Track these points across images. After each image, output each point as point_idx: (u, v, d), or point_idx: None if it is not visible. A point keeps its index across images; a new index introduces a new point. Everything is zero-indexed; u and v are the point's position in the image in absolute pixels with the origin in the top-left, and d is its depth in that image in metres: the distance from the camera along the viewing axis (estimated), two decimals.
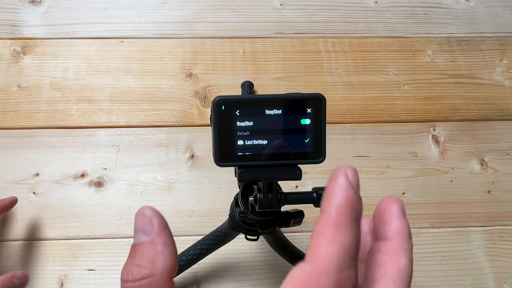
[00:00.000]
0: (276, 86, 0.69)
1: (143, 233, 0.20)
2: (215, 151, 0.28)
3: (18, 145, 0.62)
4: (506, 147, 0.66)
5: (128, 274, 0.19)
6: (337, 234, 0.17)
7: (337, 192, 0.18)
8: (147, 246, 0.19)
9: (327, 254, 0.16)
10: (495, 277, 0.58)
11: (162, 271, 0.19)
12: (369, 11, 0.77)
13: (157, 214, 0.20)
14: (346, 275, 0.16)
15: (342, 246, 0.16)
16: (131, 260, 0.19)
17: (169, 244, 0.19)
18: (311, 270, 0.16)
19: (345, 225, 0.17)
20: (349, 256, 0.16)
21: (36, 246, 0.56)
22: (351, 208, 0.17)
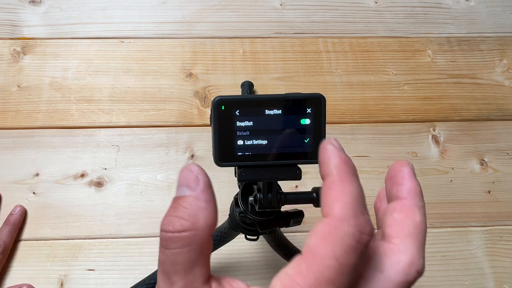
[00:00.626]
0: (276, 86, 0.69)
1: (188, 188, 0.20)
2: (215, 151, 0.28)
3: (18, 145, 0.62)
4: (506, 147, 0.66)
5: (169, 224, 0.19)
6: (344, 186, 0.19)
7: (331, 156, 0.20)
8: (190, 201, 0.20)
9: (341, 204, 0.18)
10: (495, 277, 0.58)
11: (204, 226, 0.19)
12: (369, 11, 0.77)
13: (203, 172, 0.20)
14: (362, 219, 0.18)
15: (352, 195, 0.18)
16: (173, 211, 0.20)
17: (212, 202, 0.20)
18: (331, 221, 0.18)
19: (348, 178, 0.19)
20: (360, 202, 0.18)
21: (36, 246, 0.56)
22: (347, 164, 0.19)
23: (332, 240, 0.17)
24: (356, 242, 0.17)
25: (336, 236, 0.17)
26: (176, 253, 0.19)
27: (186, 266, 0.19)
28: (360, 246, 0.17)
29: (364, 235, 0.18)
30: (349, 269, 0.17)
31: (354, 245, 0.17)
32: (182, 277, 0.19)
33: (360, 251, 0.17)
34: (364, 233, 0.18)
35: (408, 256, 0.19)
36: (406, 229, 0.20)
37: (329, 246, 0.17)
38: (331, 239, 0.17)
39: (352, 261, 0.17)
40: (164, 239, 0.19)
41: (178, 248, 0.19)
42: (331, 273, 0.17)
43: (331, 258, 0.17)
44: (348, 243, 0.17)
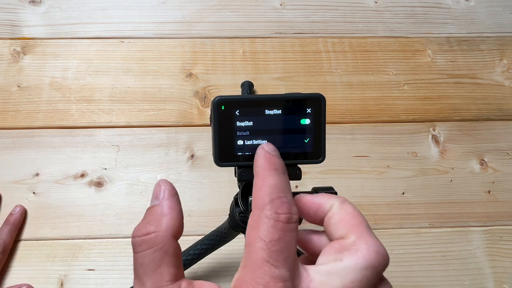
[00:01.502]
0: (276, 86, 0.69)
1: (156, 199, 0.23)
2: (215, 151, 0.28)
3: (18, 145, 0.62)
4: (506, 147, 0.66)
5: (137, 231, 0.22)
6: (263, 181, 0.22)
7: (257, 158, 0.24)
8: (156, 209, 0.23)
9: (259, 195, 0.21)
10: (495, 277, 0.58)
11: (165, 228, 0.22)
12: (369, 11, 0.77)
13: (169, 184, 0.24)
14: (277, 201, 0.21)
15: (268, 186, 0.22)
16: (142, 220, 0.23)
17: (175, 208, 0.23)
18: (254, 211, 0.21)
19: (268, 173, 0.22)
20: (276, 189, 0.21)
21: (36, 246, 0.56)
22: (269, 162, 0.23)
23: (256, 227, 0.20)
24: (275, 221, 0.20)
25: (259, 222, 0.20)
26: (143, 255, 0.21)
27: (153, 266, 0.21)
28: (279, 224, 0.20)
29: (280, 214, 0.20)
30: (277, 245, 0.20)
31: (274, 224, 0.20)
32: (151, 277, 0.21)
33: (280, 227, 0.20)
34: (280, 212, 0.20)
35: (363, 244, 0.21)
36: (349, 224, 0.22)
37: (256, 232, 0.20)
38: (255, 226, 0.21)
39: (276, 237, 0.20)
40: (133, 244, 0.22)
41: (144, 250, 0.21)
42: (263, 253, 0.20)
43: (258, 241, 0.20)
44: (268, 224, 0.20)
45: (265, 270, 0.20)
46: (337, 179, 0.63)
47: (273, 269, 0.19)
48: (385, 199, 0.62)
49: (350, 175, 0.63)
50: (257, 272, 0.20)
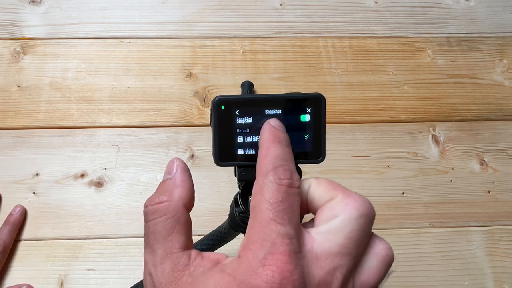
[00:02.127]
0: (276, 86, 0.69)
1: (168, 173, 0.24)
2: (215, 151, 0.28)
3: (18, 145, 0.62)
4: (506, 147, 0.66)
5: (149, 201, 0.23)
6: (267, 151, 0.23)
7: (263, 132, 0.25)
8: (168, 182, 0.24)
9: (263, 163, 0.23)
10: (495, 277, 0.58)
11: (178, 198, 0.23)
12: (369, 11, 0.77)
13: (181, 161, 0.25)
14: (280, 168, 0.22)
15: (272, 155, 0.23)
16: (155, 192, 0.24)
17: (187, 181, 0.24)
18: (258, 178, 0.23)
19: (271, 144, 0.24)
20: (280, 159, 0.23)
21: (36, 246, 0.56)
22: (273, 136, 0.24)
23: (261, 191, 0.22)
24: (278, 185, 0.22)
25: (263, 186, 0.22)
26: (154, 223, 0.22)
27: (164, 234, 0.22)
28: (282, 187, 0.22)
29: (283, 179, 0.22)
30: (282, 205, 0.21)
31: (277, 187, 0.21)
32: (162, 244, 0.22)
33: (284, 190, 0.21)
34: (282, 178, 0.22)
35: (350, 198, 0.22)
36: (330, 188, 0.24)
37: (261, 195, 0.22)
38: (260, 190, 0.22)
39: (280, 198, 0.21)
40: (145, 213, 0.23)
41: (156, 218, 0.22)
42: (268, 213, 0.21)
43: (264, 203, 0.21)
44: (272, 187, 0.22)
45: (272, 228, 0.20)
46: (337, 179, 0.63)
47: (279, 226, 0.20)
48: (385, 199, 0.62)
49: (350, 175, 0.63)
50: (264, 230, 0.21)
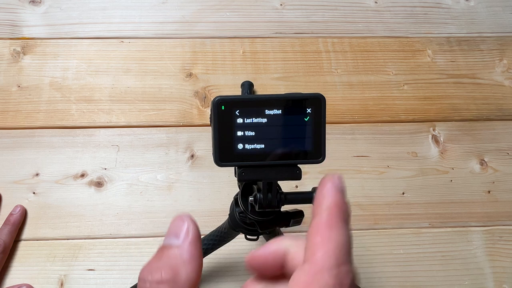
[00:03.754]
0: (276, 86, 0.69)
1: (176, 237, 0.19)
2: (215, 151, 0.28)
3: (18, 145, 0.62)
4: (506, 147, 0.66)
5: (149, 274, 0.18)
6: (331, 233, 0.18)
7: (327, 196, 0.19)
8: (175, 252, 0.19)
9: (324, 251, 0.17)
10: (495, 277, 0.58)
11: (184, 281, 0.18)
12: (369, 11, 0.77)
13: (194, 224, 0.19)
14: (345, 269, 0.17)
15: (337, 243, 0.18)
16: (155, 261, 0.19)
17: (197, 257, 0.19)
18: (312, 269, 0.17)
19: (336, 224, 0.18)
20: (345, 251, 0.18)
21: (36, 246, 0.56)
22: (339, 209, 0.19)
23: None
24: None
25: (315, 286, 0.17)
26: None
27: None
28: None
29: (344, 286, 0.17)
30: None
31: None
32: None
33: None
34: (344, 284, 0.17)
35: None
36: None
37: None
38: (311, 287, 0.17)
39: None
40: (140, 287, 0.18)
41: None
42: None
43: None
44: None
45: None
46: None
47: None
48: (385, 199, 0.62)
49: (350, 175, 0.63)
50: None
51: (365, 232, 0.59)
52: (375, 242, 0.59)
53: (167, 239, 0.19)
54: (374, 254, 0.58)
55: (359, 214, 0.60)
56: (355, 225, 0.60)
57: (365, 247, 0.58)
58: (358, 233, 0.59)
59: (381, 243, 0.59)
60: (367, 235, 0.59)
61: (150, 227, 0.58)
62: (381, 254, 0.58)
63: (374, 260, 0.58)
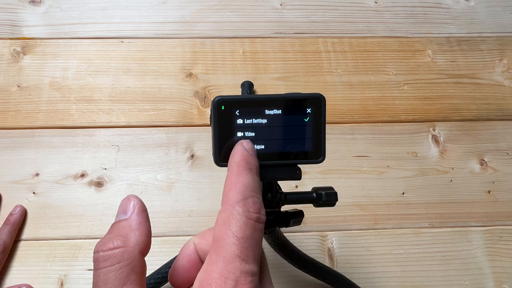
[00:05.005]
0: (276, 86, 0.69)
1: (123, 213, 0.22)
2: (215, 151, 0.28)
3: (18, 145, 0.62)
4: (506, 147, 0.66)
5: (101, 245, 0.21)
6: (237, 178, 0.23)
7: (235, 153, 0.24)
8: (123, 224, 0.22)
9: (233, 191, 0.22)
10: (495, 277, 0.58)
11: (134, 244, 0.21)
12: (369, 11, 0.77)
13: (139, 199, 0.23)
14: (250, 201, 0.22)
15: (243, 183, 0.22)
16: (107, 234, 0.21)
17: (144, 224, 0.22)
18: (225, 207, 0.22)
19: (243, 171, 0.23)
20: (249, 189, 0.22)
21: (36, 246, 0.56)
22: (245, 161, 0.24)
23: (228, 222, 0.21)
24: (246, 218, 0.21)
25: (231, 217, 0.21)
26: (107, 271, 0.19)
27: (117, 284, 0.19)
28: (250, 221, 0.21)
29: (252, 213, 0.21)
30: (248, 241, 0.20)
31: (246, 221, 0.21)
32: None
33: (251, 225, 0.21)
34: (251, 211, 0.21)
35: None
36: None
37: (227, 228, 0.21)
38: (227, 221, 0.21)
39: (248, 234, 0.21)
40: (96, 259, 0.20)
41: (109, 266, 0.20)
42: (234, 249, 0.20)
43: (230, 237, 0.20)
44: (241, 220, 0.21)
45: (236, 265, 0.20)
46: (337, 179, 0.63)
47: (244, 264, 0.20)
48: (385, 199, 0.62)
49: (350, 175, 0.63)
50: (228, 267, 0.20)
51: (365, 232, 0.59)
52: (375, 242, 0.59)
53: (117, 217, 0.22)
54: (374, 254, 0.58)
55: (359, 214, 0.60)
56: (355, 225, 0.60)
57: (365, 247, 0.58)
58: (358, 233, 0.59)
59: (381, 243, 0.59)
60: (367, 235, 0.59)
61: None
62: (381, 254, 0.58)
63: (374, 260, 0.58)
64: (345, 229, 0.59)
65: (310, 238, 0.58)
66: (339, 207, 0.60)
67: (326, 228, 0.59)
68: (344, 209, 0.60)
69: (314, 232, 0.59)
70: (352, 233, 0.59)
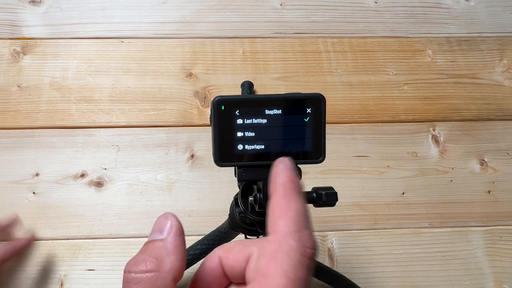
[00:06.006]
0: (276, 86, 0.69)
1: (159, 232, 0.20)
2: (215, 151, 0.28)
3: (18, 145, 0.62)
4: (506, 147, 0.66)
5: (134, 265, 0.19)
6: (288, 203, 0.20)
7: (279, 173, 0.21)
8: (159, 245, 0.20)
9: (285, 220, 0.19)
10: (495, 277, 0.58)
11: (168, 269, 0.19)
12: (369, 11, 0.77)
13: (177, 220, 0.21)
14: (305, 233, 0.19)
15: (295, 211, 0.19)
16: (140, 254, 0.20)
17: (180, 250, 0.20)
18: (276, 237, 0.19)
19: (292, 196, 0.20)
20: (303, 218, 0.19)
21: (36, 246, 0.56)
22: (293, 183, 0.21)
23: (279, 258, 0.18)
24: (301, 255, 0.18)
25: (282, 252, 0.18)
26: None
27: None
28: (305, 259, 0.18)
29: (307, 249, 0.18)
30: (300, 283, 0.17)
31: (300, 259, 0.18)
32: None
33: (306, 264, 0.18)
34: (307, 247, 0.18)
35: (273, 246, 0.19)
36: (243, 247, 0.20)
37: (278, 265, 0.18)
38: (278, 256, 0.18)
39: (301, 275, 0.18)
40: (126, 280, 0.19)
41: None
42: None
43: (281, 276, 0.17)
44: (294, 258, 0.18)
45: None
46: (337, 179, 0.63)
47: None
48: (385, 199, 0.62)
49: (350, 175, 0.63)
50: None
51: (365, 232, 0.59)
52: (375, 242, 0.59)
53: (152, 236, 0.21)
54: (374, 254, 0.58)
55: (359, 214, 0.60)
56: (355, 225, 0.60)
57: (365, 247, 0.58)
58: (358, 233, 0.59)
59: (381, 243, 0.59)
60: (367, 235, 0.59)
61: (150, 227, 0.58)
62: (381, 254, 0.58)
63: (374, 260, 0.58)
64: (345, 229, 0.59)
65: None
66: (339, 207, 0.60)
67: (326, 228, 0.59)
68: (344, 209, 0.60)
69: (314, 232, 0.59)
70: (352, 233, 0.59)
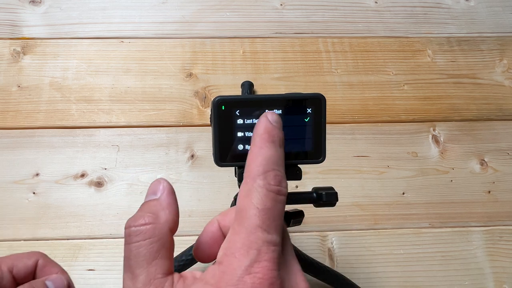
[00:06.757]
0: (276, 86, 0.69)
1: (153, 194, 0.23)
2: (215, 151, 0.28)
3: (18, 145, 0.62)
4: (506, 147, 0.66)
5: (133, 221, 0.22)
6: (259, 150, 0.23)
7: (258, 126, 0.24)
8: (154, 203, 0.23)
9: (254, 165, 0.22)
10: (495, 277, 0.57)
11: (164, 221, 0.22)
12: (369, 11, 0.77)
13: (167, 183, 0.24)
14: (271, 174, 0.22)
15: (264, 156, 0.22)
16: (138, 212, 0.23)
17: (173, 205, 0.23)
18: (246, 180, 0.22)
19: (265, 144, 0.23)
20: (271, 162, 0.22)
21: (36, 246, 0.56)
22: (268, 133, 0.23)
23: (250, 195, 0.21)
24: (267, 191, 0.21)
25: (252, 190, 0.21)
26: (139, 245, 0.21)
27: (148, 258, 0.21)
28: (271, 194, 0.21)
29: (272, 186, 0.22)
30: (270, 213, 0.21)
31: (266, 193, 0.21)
32: (145, 269, 0.21)
33: (272, 197, 0.21)
34: (272, 184, 0.22)
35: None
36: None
37: (249, 200, 0.21)
38: (249, 193, 0.21)
39: (269, 205, 0.21)
40: (128, 234, 0.22)
41: (141, 240, 0.21)
42: (256, 220, 0.21)
43: (252, 208, 0.21)
44: (262, 193, 0.21)
45: (258, 235, 0.20)
46: (337, 179, 0.63)
47: (266, 234, 0.21)
48: (385, 199, 0.62)
49: (350, 175, 0.63)
50: (250, 237, 0.20)
51: (365, 232, 0.59)
52: (375, 242, 0.59)
53: (147, 197, 0.24)
54: (374, 254, 0.58)
55: (359, 214, 0.60)
56: (355, 225, 0.60)
57: (365, 247, 0.58)
58: (358, 233, 0.59)
59: (381, 243, 0.59)
60: (367, 235, 0.59)
61: None
62: (381, 254, 0.58)
63: (374, 260, 0.58)
64: (345, 229, 0.59)
65: (310, 238, 0.58)
66: (339, 207, 0.60)
67: (326, 228, 0.59)
68: (344, 209, 0.60)
69: (314, 232, 0.59)
70: (352, 233, 0.59)
